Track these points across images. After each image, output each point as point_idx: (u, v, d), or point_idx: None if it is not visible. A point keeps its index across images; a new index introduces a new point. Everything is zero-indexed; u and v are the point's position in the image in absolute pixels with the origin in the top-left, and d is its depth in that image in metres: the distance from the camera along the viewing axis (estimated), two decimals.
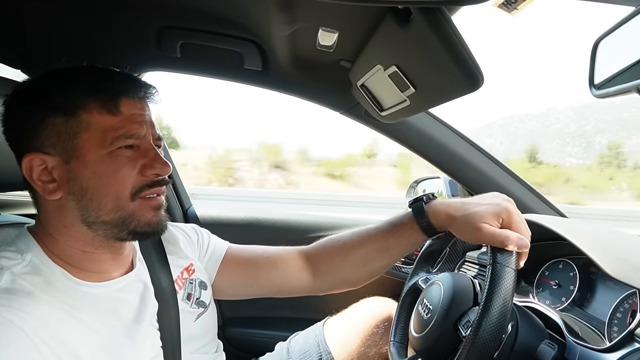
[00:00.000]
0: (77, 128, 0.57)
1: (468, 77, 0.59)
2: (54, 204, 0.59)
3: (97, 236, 0.61)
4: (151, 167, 0.61)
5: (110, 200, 0.59)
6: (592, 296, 0.80)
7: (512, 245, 0.60)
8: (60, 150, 0.57)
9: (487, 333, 0.56)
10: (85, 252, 0.62)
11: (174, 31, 1.00)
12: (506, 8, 0.59)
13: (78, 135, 0.57)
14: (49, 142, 0.57)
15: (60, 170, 0.58)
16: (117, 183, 0.59)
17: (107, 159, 0.58)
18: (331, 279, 0.86)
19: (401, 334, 0.87)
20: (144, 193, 0.61)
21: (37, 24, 0.99)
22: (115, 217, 0.59)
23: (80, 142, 0.57)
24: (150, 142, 0.62)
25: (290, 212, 1.50)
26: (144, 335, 0.63)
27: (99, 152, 0.58)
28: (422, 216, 0.74)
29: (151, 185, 0.61)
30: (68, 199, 0.58)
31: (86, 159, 0.57)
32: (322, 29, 0.79)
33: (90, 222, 0.59)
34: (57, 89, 0.58)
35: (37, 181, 0.58)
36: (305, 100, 1.16)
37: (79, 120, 0.57)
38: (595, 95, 0.54)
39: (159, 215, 0.63)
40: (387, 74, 0.76)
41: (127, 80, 0.62)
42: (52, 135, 0.57)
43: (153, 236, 0.63)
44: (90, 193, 0.58)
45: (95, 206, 0.58)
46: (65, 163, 0.58)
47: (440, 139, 1.12)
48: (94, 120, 0.58)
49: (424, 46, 0.60)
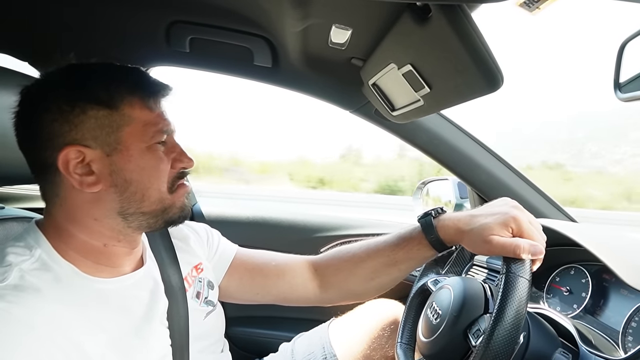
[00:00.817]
0: (120, 121, 0.58)
1: (487, 77, 0.57)
2: (88, 197, 0.59)
3: (128, 227, 0.62)
4: (180, 160, 0.65)
5: (154, 192, 0.61)
6: (605, 304, 0.78)
7: (524, 253, 0.59)
8: (102, 143, 0.58)
9: (499, 344, 0.54)
10: (106, 245, 0.62)
11: (183, 26, 0.98)
12: (528, 7, 0.57)
13: (121, 129, 0.58)
14: (90, 135, 0.57)
15: (101, 163, 0.58)
16: (158, 176, 0.61)
17: (147, 153, 0.60)
18: (338, 291, 0.85)
19: (408, 336, 0.86)
20: (176, 184, 0.65)
21: (46, 17, 0.98)
22: (157, 208, 0.62)
23: (124, 136, 0.59)
24: (175, 137, 0.66)
25: (295, 211, 1.49)
26: (153, 333, 0.63)
27: (140, 146, 0.60)
28: (431, 231, 0.73)
29: (180, 177, 0.65)
30: (109, 191, 0.59)
31: (130, 152, 0.59)
32: (335, 26, 0.77)
33: (129, 213, 0.60)
34: (100, 83, 0.59)
35: (74, 174, 0.57)
36: (315, 98, 1.14)
37: (122, 114, 0.59)
38: (621, 98, 0.52)
39: (188, 200, 0.67)
40: (401, 73, 0.75)
41: (160, 80, 0.65)
42: (94, 128, 0.57)
43: (181, 221, 0.66)
44: (135, 185, 0.59)
45: (139, 198, 0.60)
46: (107, 156, 0.58)
47: (451, 140, 1.10)
48: (136, 115, 0.60)
49: (443, 45, 0.59)
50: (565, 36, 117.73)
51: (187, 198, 0.67)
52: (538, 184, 1.13)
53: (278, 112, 23.12)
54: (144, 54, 1.09)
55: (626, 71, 0.52)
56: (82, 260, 0.60)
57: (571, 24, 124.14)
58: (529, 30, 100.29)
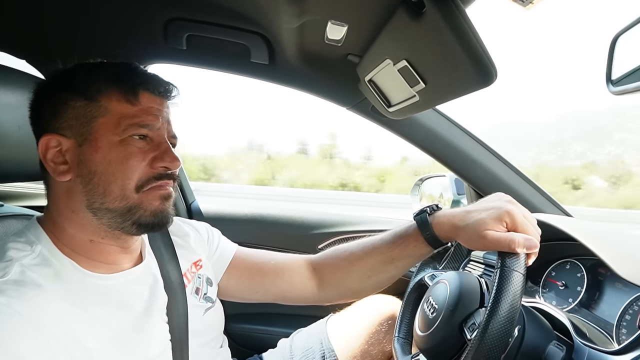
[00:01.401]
0: (95, 112, 0.59)
1: (481, 72, 0.58)
2: (63, 186, 0.60)
3: (101, 225, 0.61)
4: (161, 159, 0.61)
5: (116, 188, 0.59)
6: (600, 298, 0.79)
7: (518, 247, 0.60)
8: (76, 133, 0.59)
9: (493, 338, 0.55)
10: (92, 241, 0.62)
11: (180, 23, 0.99)
12: (521, 2, 0.57)
13: (95, 120, 0.59)
14: (67, 125, 0.59)
15: (72, 153, 0.59)
16: (125, 172, 0.59)
17: (118, 146, 0.59)
18: (337, 289, 0.86)
19: (406, 330, 0.86)
20: (151, 185, 0.61)
21: (43, 15, 0.98)
22: (120, 205, 0.60)
23: (96, 126, 0.59)
24: (164, 136, 0.63)
25: (293, 208, 1.50)
26: (153, 328, 0.63)
27: (111, 138, 0.59)
28: (427, 228, 0.73)
29: (158, 178, 0.62)
30: (76, 181, 0.59)
31: (98, 144, 0.59)
32: (331, 22, 0.77)
33: (95, 208, 0.60)
34: (81, 75, 0.60)
35: (50, 162, 0.59)
36: (311, 94, 1.15)
37: (99, 105, 0.59)
38: (613, 92, 0.52)
39: (166, 205, 0.63)
40: (397, 68, 0.75)
41: (149, 75, 0.64)
42: (71, 117, 0.59)
43: (158, 228, 0.63)
44: (98, 178, 0.59)
45: (101, 192, 0.59)
46: (79, 146, 0.59)
47: (448, 136, 1.11)
48: (112, 107, 0.59)
49: (437, 40, 0.59)
50: (553, 35, 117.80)
51: (165, 203, 0.63)
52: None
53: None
54: (142, 51, 1.09)
55: (618, 65, 0.53)
56: (78, 256, 0.60)
57: (560, 22, 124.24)
58: (518, 29, 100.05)
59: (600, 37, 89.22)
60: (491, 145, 1.13)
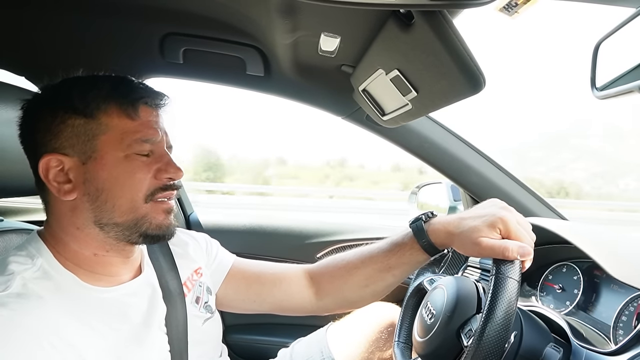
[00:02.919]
0: (96, 130, 0.59)
1: (470, 80, 0.59)
2: (68, 205, 0.60)
3: (108, 238, 0.61)
4: (165, 171, 0.63)
5: (125, 202, 0.60)
6: (597, 300, 0.79)
7: (512, 254, 0.60)
8: (79, 151, 0.59)
9: (489, 345, 0.55)
10: (96, 255, 0.62)
11: (177, 38, 1.00)
12: (507, 11, 0.59)
13: (97, 137, 0.59)
14: (68, 144, 0.59)
15: (76, 171, 0.59)
16: (133, 185, 0.60)
17: (123, 162, 0.60)
18: (334, 298, 0.86)
19: (406, 335, 0.86)
20: (157, 196, 0.62)
21: (41, 31, 0.99)
22: (128, 219, 0.60)
23: (99, 144, 0.59)
24: (164, 147, 0.65)
25: (292, 218, 1.50)
26: (152, 339, 0.63)
27: (116, 155, 0.59)
28: (422, 235, 0.73)
29: (164, 189, 0.63)
30: (83, 199, 0.59)
31: (104, 161, 0.59)
32: (324, 34, 0.79)
33: (103, 223, 0.60)
34: (78, 93, 0.60)
35: (53, 182, 0.59)
36: (307, 105, 1.16)
37: (99, 122, 0.59)
38: (597, 96, 0.54)
39: (169, 219, 0.64)
40: (389, 78, 0.77)
41: (146, 88, 0.65)
42: (72, 136, 0.58)
43: (162, 239, 0.65)
44: (106, 194, 0.59)
45: (110, 207, 0.59)
46: (83, 164, 0.59)
47: (442, 143, 1.12)
48: (113, 124, 0.59)
49: (426, 49, 0.61)
50: (523, 43, 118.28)
51: (168, 217, 0.64)
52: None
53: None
54: (139, 65, 1.11)
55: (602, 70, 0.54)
56: (79, 269, 0.60)
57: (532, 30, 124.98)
58: (497, 38, 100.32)
59: (562, 48, 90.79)
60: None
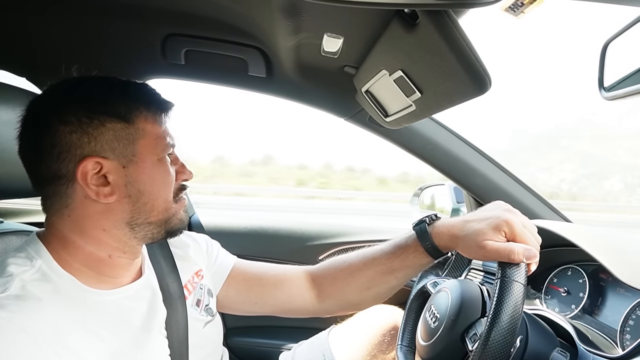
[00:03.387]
0: (135, 135, 0.61)
1: (476, 81, 0.58)
2: (100, 207, 0.59)
3: (134, 238, 0.63)
4: (182, 172, 0.68)
5: (162, 202, 0.64)
6: (603, 303, 0.79)
7: (518, 257, 0.59)
8: (119, 155, 0.59)
9: (495, 349, 0.54)
10: (111, 256, 0.62)
11: (178, 39, 1.00)
12: (513, 11, 0.58)
13: (137, 142, 0.61)
14: (108, 147, 0.59)
15: (117, 174, 0.59)
16: (167, 187, 0.64)
17: (158, 165, 0.63)
18: (336, 301, 0.85)
19: (409, 338, 0.86)
20: (179, 196, 0.68)
21: (42, 33, 0.99)
22: (162, 217, 0.64)
23: (139, 148, 0.61)
24: (175, 152, 0.69)
25: (293, 220, 1.50)
26: (152, 343, 0.63)
27: (152, 158, 0.62)
28: (426, 238, 0.72)
29: (181, 189, 0.69)
30: (122, 202, 0.60)
31: (144, 164, 0.61)
32: (327, 35, 0.79)
33: (138, 223, 0.62)
34: (119, 98, 0.62)
35: (92, 185, 0.58)
36: (309, 106, 1.16)
37: (137, 127, 0.61)
38: (605, 97, 0.53)
39: (185, 213, 0.70)
40: (393, 79, 0.76)
41: (165, 97, 0.68)
42: (113, 140, 0.59)
43: (179, 233, 0.69)
44: (147, 196, 0.62)
45: (149, 208, 0.62)
46: (123, 167, 0.60)
47: (445, 145, 1.11)
48: (148, 129, 0.62)
49: (431, 50, 0.60)
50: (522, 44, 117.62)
51: (185, 211, 0.69)
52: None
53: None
54: (140, 66, 1.10)
55: (610, 71, 0.54)
56: (85, 271, 0.60)
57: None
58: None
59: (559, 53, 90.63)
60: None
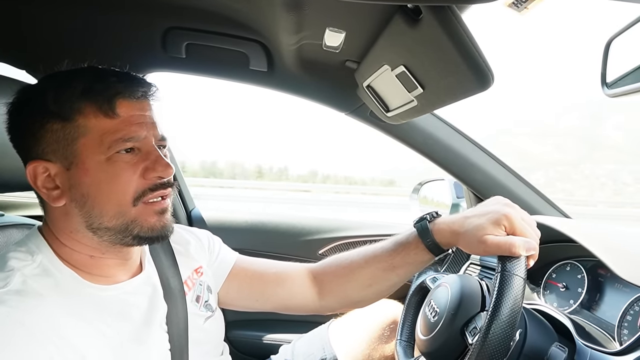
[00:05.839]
0: (74, 133, 0.56)
1: (478, 77, 0.58)
2: (60, 210, 0.59)
3: (103, 242, 0.60)
4: (153, 169, 0.59)
5: (112, 207, 0.57)
6: (601, 299, 0.79)
7: (519, 250, 0.60)
8: (61, 157, 0.57)
9: (495, 342, 0.55)
10: (93, 257, 0.61)
11: (179, 32, 1.00)
12: (516, 7, 0.58)
13: (76, 141, 0.56)
14: (49, 149, 0.57)
15: (62, 177, 0.57)
16: (118, 189, 0.57)
17: (106, 165, 0.56)
18: (337, 298, 0.85)
19: (408, 333, 0.86)
20: (147, 197, 0.59)
21: (42, 25, 0.99)
22: (118, 223, 0.58)
23: (79, 148, 0.56)
24: (152, 143, 0.60)
25: (293, 214, 1.50)
26: (152, 338, 0.63)
27: (97, 158, 0.56)
28: (427, 235, 0.72)
29: (154, 189, 0.59)
30: (72, 205, 0.58)
31: (86, 166, 0.56)
32: (328, 29, 0.78)
33: (95, 228, 0.58)
34: (52, 94, 0.57)
35: (42, 188, 0.57)
36: (310, 101, 1.15)
37: (76, 125, 0.56)
38: (608, 94, 0.53)
39: (163, 219, 0.61)
40: (395, 74, 0.76)
41: (124, 80, 0.60)
42: (52, 141, 0.56)
43: (158, 241, 0.62)
44: (92, 200, 0.57)
45: (98, 213, 0.57)
46: (67, 170, 0.57)
47: (446, 140, 1.11)
48: (91, 125, 0.56)
49: (434, 45, 0.60)
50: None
51: (162, 218, 0.61)
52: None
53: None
54: (140, 60, 1.10)
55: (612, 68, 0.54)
56: (76, 269, 0.59)
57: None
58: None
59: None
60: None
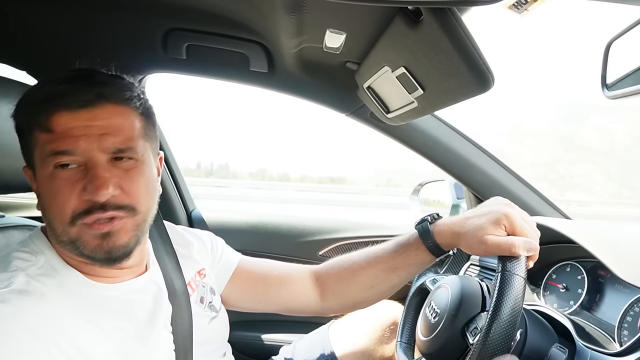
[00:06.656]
0: (30, 145, 0.56)
1: (479, 78, 0.59)
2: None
3: (78, 254, 0.57)
4: (84, 189, 0.53)
5: (57, 224, 0.55)
6: (601, 300, 0.79)
7: (519, 250, 0.60)
8: (31, 166, 0.58)
9: (496, 342, 0.55)
10: (83, 262, 0.59)
11: (180, 33, 1.00)
12: (517, 9, 0.58)
13: (33, 152, 0.56)
14: (25, 157, 0.59)
15: (35, 186, 0.59)
16: (57, 207, 0.54)
17: (47, 180, 0.54)
18: (339, 300, 0.85)
19: (408, 335, 0.86)
20: (84, 220, 0.53)
21: (42, 26, 0.99)
22: (66, 239, 0.55)
23: (34, 160, 0.56)
24: (95, 158, 0.54)
25: (294, 215, 1.50)
26: (157, 338, 0.63)
27: (43, 173, 0.54)
28: (428, 236, 0.73)
29: (87, 212, 0.53)
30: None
31: (38, 178, 0.56)
32: (329, 31, 0.78)
33: (59, 240, 0.57)
34: (21, 105, 0.59)
35: (35, 192, 0.59)
36: (311, 102, 1.15)
37: (32, 136, 0.55)
38: (608, 96, 0.53)
39: (107, 243, 0.55)
40: (395, 75, 0.76)
41: (67, 87, 0.54)
42: (24, 151, 0.59)
43: (108, 264, 0.57)
44: (46, 213, 0.56)
45: (52, 226, 0.56)
46: (35, 179, 0.58)
47: (446, 141, 1.11)
48: (38, 137, 0.54)
49: (435, 47, 0.60)
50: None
51: (107, 241, 0.55)
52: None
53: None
54: (141, 61, 1.10)
55: (612, 70, 0.54)
56: (79, 269, 0.59)
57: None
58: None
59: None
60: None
